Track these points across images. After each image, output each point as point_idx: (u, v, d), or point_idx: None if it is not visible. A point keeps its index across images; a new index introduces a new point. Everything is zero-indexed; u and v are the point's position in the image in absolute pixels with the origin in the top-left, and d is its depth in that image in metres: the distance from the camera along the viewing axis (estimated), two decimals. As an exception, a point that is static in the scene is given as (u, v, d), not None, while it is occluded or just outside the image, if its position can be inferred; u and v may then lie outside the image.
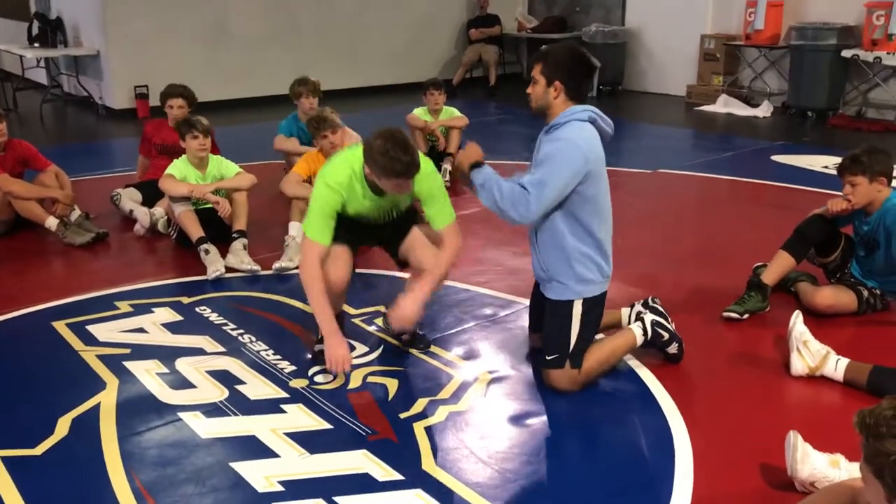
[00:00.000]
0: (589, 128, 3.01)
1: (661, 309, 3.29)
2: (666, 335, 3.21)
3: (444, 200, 3.15)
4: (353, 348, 3.06)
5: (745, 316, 3.66)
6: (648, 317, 3.23)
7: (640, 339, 3.18)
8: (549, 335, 3.05)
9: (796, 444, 2.43)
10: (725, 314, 3.67)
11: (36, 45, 9.70)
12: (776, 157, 6.93)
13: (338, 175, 3.04)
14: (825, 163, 6.60)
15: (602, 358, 3.08)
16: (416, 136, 6.23)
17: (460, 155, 3.15)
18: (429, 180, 3.09)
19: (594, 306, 3.04)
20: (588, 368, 3.03)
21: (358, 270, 3.49)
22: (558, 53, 3.06)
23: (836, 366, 3.08)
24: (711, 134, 8.20)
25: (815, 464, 2.40)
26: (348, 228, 3.15)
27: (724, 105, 9.23)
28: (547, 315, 3.08)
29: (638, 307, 3.36)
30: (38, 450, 2.68)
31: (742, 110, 9.04)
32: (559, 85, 2.99)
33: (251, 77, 9.67)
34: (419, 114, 6.28)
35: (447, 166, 6.09)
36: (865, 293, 3.68)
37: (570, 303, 3.00)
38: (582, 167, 2.91)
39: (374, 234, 3.32)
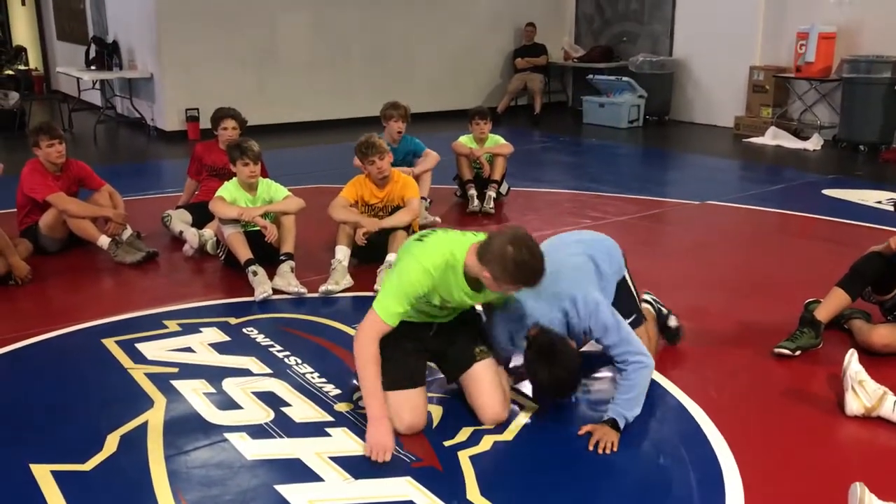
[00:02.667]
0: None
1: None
2: (664, 308, 3.63)
3: None
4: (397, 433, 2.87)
5: (798, 353, 3.58)
6: (648, 296, 3.68)
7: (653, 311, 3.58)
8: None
9: (862, 498, 2.33)
10: (777, 350, 3.59)
11: (93, 67, 9.98)
12: (827, 191, 6.81)
13: (435, 259, 2.78)
14: (878, 197, 6.47)
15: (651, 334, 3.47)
16: (461, 162, 6.25)
17: (609, 441, 2.86)
18: None
19: None
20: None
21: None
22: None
23: (895, 407, 2.98)
24: (760, 166, 8.10)
25: (879, 517, 2.31)
26: (406, 333, 2.92)
27: (773, 137, 9.11)
28: None
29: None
30: (88, 465, 2.71)
31: (791, 143, 8.92)
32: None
33: (298, 102, 9.83)
34: (465, 141, 6.30)
35: (491, 193, 6.09)
36: (923, 332, 3.57)
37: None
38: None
39: (429, 340, 3.07)
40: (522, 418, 3.06)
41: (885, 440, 2.94)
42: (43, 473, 2.66)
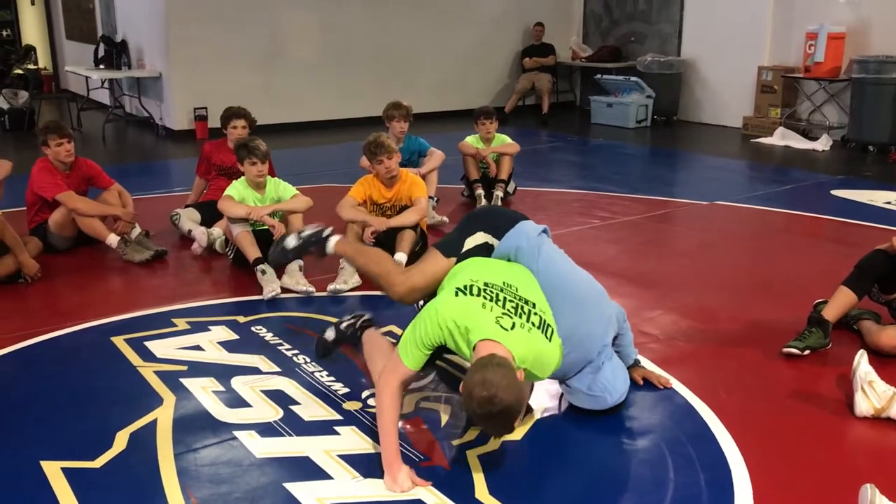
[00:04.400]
0: None
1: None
2: None
3: None
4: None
5: (806, 352, 3.57)
6: None
7: None
8: None
9: (873, 499, 2.32)
10: (786, 350, 3.58)
11: (101, 66, 10.02)
12: (836, 192, 6.79)
13: (452, 319, 2.63)
14: (887, 198, 6.45)
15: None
16: (468, 162, 6.25)
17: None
18: None
19: None
20: None
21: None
22: None
23: (904, 408, 2.98)
24: (769, 166, 8.07)
25: (890, 519, 2.31)
26: None
27: (782, 137, 9.09)
28: None
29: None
30: (98, 462, 2.72)
31: (800, 143, 8.90)
32: None
33: (304, 102, 9.85)
34: (471, 141, 6.30)
35: (498, 193, 6.09)
36: (933, 333, 3.56)
37: None
38: None
39: None
40: (531, 419, 3.06)
41: (894, 441, 2.93)
42: (53, 470, 2.67)
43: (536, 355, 2.66)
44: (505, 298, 2.71)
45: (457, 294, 2.72)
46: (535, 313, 2.72)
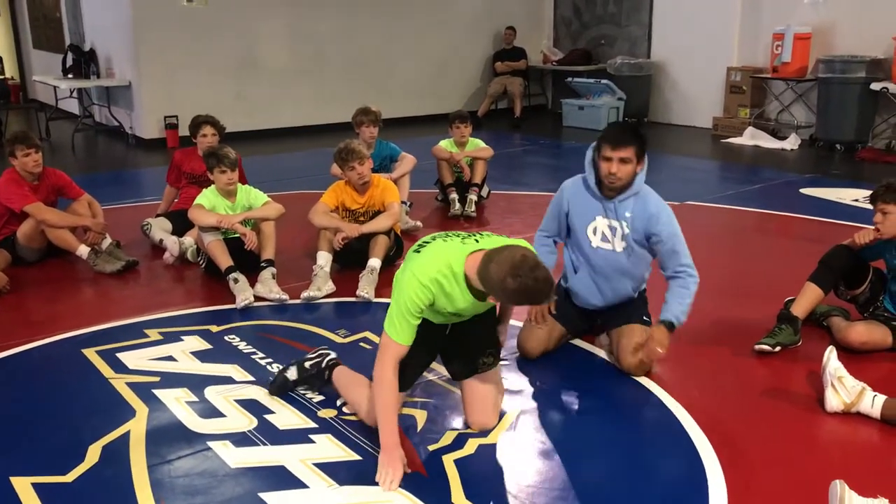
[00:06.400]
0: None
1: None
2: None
3: None
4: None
5: (777, 349, 3.61)
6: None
7: None
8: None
9: (843, 495, 2.34)
10: (757, 347, 3.62)
11: (70, 76, 9.91)
12: (805, 190, 6.88)
13: (430, 272, 2.66)
14: (855, 196, 6.54)
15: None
16: (442, 166, 6.26)
17: (659, 345, 3.27)
18: None
19: None
20: None
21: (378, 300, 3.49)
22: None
23: (873, 402, 3.02)
24: (739, 166, 8.16)
25: (860, 515, 2.33)
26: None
27: (751, 137, 9.20)
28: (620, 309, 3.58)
29: None
30: (70, 477, 2.68)
31: (769, 143, 9.01)
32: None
33: (277, 109, 9.81)
34: (445, 145, 6.31)
35: (473, 197, 6.11)
36: (900, 328, 3.62)
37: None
38: None
39: (442, 339, 3.01)
40: (506, 422, 3.07)
41: (864, 436, 2.97)
42: (24, 486, 2.63)
43: None
44: (456, 233, 2.82)
45: (419, 251, 2.75)
46: (486, 236, 2.79)
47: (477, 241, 2.73)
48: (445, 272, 2.66)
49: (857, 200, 6.40)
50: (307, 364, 3.26)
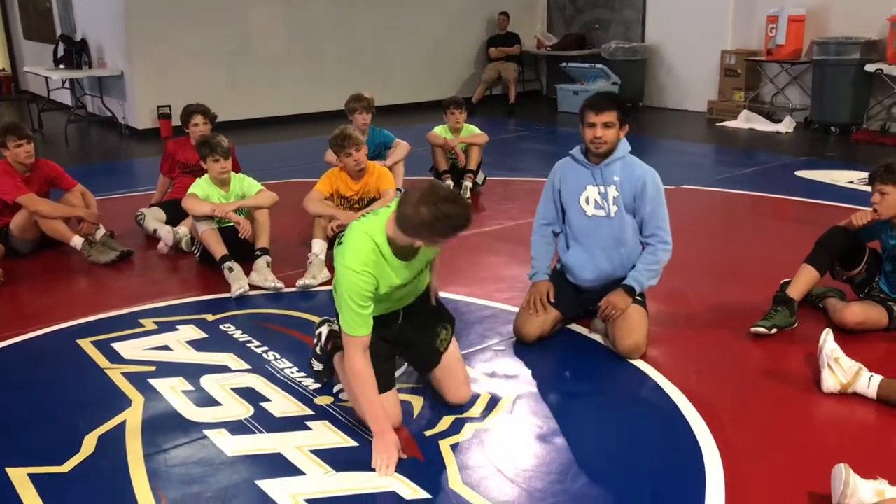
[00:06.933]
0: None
1: None
2: None
3: None
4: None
5: (774, 331, 3.61)
6: None
7: None
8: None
9: (847, 479, 2.34)
10: (753, 329, 3.62)
11: (61, 66, 9.85)
12: (800, 173, 6.87)
13: (361, 255, 2.65)
14: (850, 178, 6.53)
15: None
16: (436, 153, 6.24)
17: (619, 305, 3.45)
18: None
19: None
20: None
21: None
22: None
23: (870, 382, 3.02)
24: (734, 150, 8.15)
25: (862, 497, 2.32)
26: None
27: (746, 121, 9.17)
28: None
29: None
30: (66, 467, 2.68)
31: (764, 126, 8.99)
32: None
33: (271, 97, 9.76)
34: (440, 131, 6.29)
35: (467, 183, 6.09)
36: (896, 309, 3.62)
37: None
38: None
39: (397, 329, 3.01)
40: (503, 406, 3.06)
41: (861, 416, 2.97)
42: (20, 477, 2.62)
43: None
44: (374, 211, 2.83)
45: (342, 242, 2.74)
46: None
47: (389, 206, 2.73)
48: (373, 247, 2.66)
49: (852, 182, 6.39)
50: (317, 349, 3.25)
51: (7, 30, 13.58)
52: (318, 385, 3.21)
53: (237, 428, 2.92)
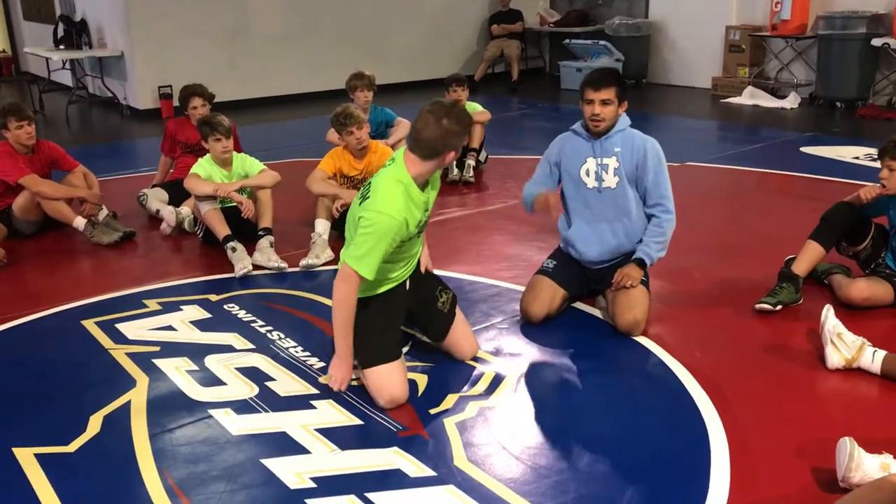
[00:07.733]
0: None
1: None
2: None
3: None
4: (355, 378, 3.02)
5: (779, 308, 3.60)
6: None
7: None
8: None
9: (852, 452, 2.34)
10: (758, 306, 3.61)
11: (61, 47, 9.79)
12: (805, 149, 6.83)
13: (398, 202, 2.80)
14: (855, 153, 6.50)
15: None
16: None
17: (633, 275, 3.47)
18: None
19: None
20: None
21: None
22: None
23: (874, 357, 3.01)
24: (738, 126, 8.10)
25: (867, 470, 2.32)
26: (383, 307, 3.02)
27: (751, 97, 9.12)
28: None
29: None
30: (72, 447, 2.69)
31: (769, 102, 8.93)
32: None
33: (271, 76, 9.71)
34: (442, 109, 6.24)
35: (470, 162, 6.06)
36: (902, 284, 3.61)
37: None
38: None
39: (408, 296, 3.15)
40: (506, 384, 3.06)
41: (865, 392, 2.97)
42: (27, 457, 2.63)
43: None
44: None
45: (367, 196, 2.84)
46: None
47: (395, 159, 2.91)
48: (402, 190, 2.81)
49: (857, 158, 6.35)
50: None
51: (7, 10, 13.49)
52: (322, 364, 3.21)
53: (242, 407, 2.92)
